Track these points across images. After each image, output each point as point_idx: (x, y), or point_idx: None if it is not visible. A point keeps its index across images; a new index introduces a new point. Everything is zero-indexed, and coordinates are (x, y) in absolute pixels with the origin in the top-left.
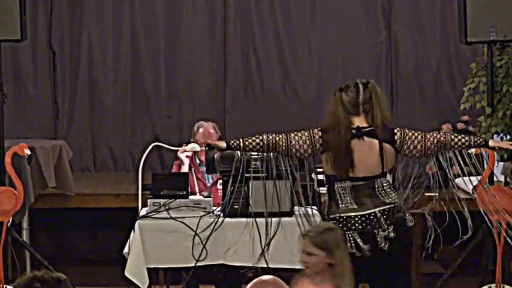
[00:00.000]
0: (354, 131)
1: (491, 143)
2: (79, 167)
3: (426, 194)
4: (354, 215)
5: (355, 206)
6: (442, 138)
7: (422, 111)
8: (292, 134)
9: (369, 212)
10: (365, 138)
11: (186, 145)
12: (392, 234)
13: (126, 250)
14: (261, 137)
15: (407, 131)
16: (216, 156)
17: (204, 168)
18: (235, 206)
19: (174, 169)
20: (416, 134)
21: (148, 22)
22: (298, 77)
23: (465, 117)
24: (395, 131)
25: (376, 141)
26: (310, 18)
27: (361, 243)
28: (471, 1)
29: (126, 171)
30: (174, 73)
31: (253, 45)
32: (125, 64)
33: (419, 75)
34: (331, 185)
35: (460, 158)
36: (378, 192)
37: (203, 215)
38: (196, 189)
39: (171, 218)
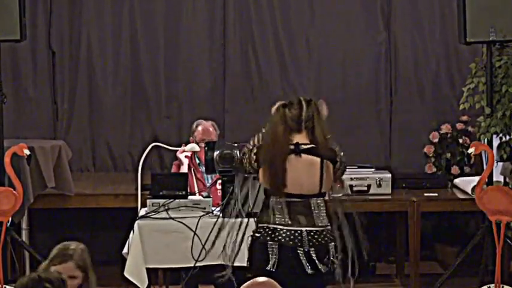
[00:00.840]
0: (292, 147)
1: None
2: (78, 167)
3: (426, 194)
4: (280, 228)
5: (286, 221)
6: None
7: (422, 112)
8: (246, 154)
9: (295, 228)
10: (303, 155)
11: (186, 145)
12: (313, 256)
13: (125, 250)
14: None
15: (340, 153)
16: (215, 156)
17: (203, 168)
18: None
19: (173, 169)
20: (341, 169)
21: (147, 22)
22: (297, 77)
23: (464, 118)
24: (337, 152)
25: (318, 160)
26: (310, 19)
27: (277, 257)
28: (470, 1)
29: (126, 171)
30: (173, 73)
31: (253, 45)
32: (125, 64)
33: (419, 76)
34: (267, 197)
35: None
36: (313, 213)
37: (202, 215)
38: (196, 189)
39: (171, 218)
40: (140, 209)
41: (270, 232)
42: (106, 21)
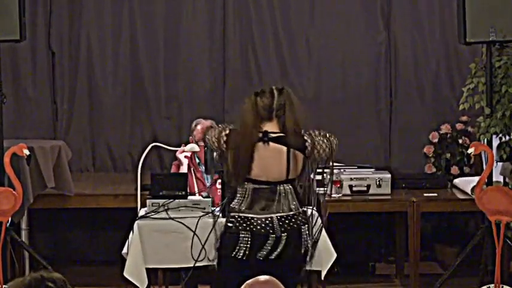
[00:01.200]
0: (260, 135)
1: None
2: (78, 167)
3: (425, 194)
4: (251, 217)
5: (254, 209)
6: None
7: (421, 112)
8: (215, 129)
9: (266, 216)
10: (270, 143)
11: (185, 145)
12: (282, 242)
13: (125, 250)
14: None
15: (313, 135)
16: (215, 156)
17: (203, 168)
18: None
19: (173, 169)
20: (321, 137)
21: (147, 23)
22: (297, 77)
23: (464, 118)
24: (305, 137)
25: (285, 148)
26: (309, 19)
27: (248, 246)
28: (470, 2)
29: (125, 171)
30: (173, 74)
31: (253, 45)
32: (124, 65)
33: (419, 76)
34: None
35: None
36: (278, 198)
37: (202, 215)
38: (196, 189)
39: (170, 218)
40: (140, 209)
41: (241, 221)
42: (106, 22)
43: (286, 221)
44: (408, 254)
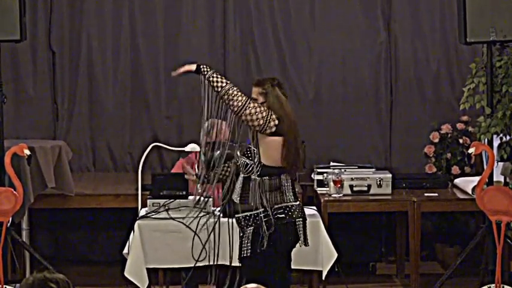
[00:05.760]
0: None
1: None
2: (78, 167)
3: (426, 194)
4: (291, 205)
5: (294, 197)
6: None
7: (422, 112)
8: (252, 104)
9: (298, 202)
10: None
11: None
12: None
13: (125, 250)
14: (225, 84)
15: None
16: (215, 156)
17: None
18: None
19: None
20: None
21: (147, 22)
22: (297, 77)
23: (465, 118)
24: None
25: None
26: (310, 19)
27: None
28: (471, 1)
29: (126, 171)
30: None
31: (253, 46)
32: (125, 64)
33: (419, 76)
34: (275, 176)
35: None
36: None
37: (202, 215)
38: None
39: (171, 218)
40: (140, 209)
41: (288, 212)
42: (106, 22)
43: None
44: (409, 254)
